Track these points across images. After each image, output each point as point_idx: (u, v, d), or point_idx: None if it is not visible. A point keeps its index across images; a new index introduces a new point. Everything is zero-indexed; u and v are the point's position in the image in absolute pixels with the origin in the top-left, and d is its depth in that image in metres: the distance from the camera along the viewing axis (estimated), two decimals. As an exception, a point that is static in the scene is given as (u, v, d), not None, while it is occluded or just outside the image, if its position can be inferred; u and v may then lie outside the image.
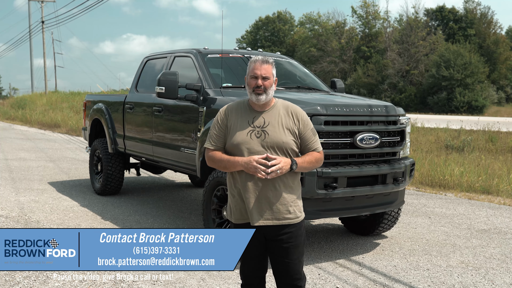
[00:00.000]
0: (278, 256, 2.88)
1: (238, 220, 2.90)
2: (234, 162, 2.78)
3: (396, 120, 4.94)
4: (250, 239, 2.87)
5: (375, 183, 4.74)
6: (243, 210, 2.86)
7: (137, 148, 6.77)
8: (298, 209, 2.89)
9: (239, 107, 2.93)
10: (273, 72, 2.89)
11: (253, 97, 2.84)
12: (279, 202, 2.81)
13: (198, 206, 7.11)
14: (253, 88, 2.83)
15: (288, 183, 2.84)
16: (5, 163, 10.82)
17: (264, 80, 2.83)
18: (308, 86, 6.13)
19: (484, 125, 17.72)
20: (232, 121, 2.88)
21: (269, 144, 2.79)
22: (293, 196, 2.87)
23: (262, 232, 2.84)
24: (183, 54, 6.14)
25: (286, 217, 2.83)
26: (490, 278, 4.43)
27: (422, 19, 52.12)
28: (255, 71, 2.84)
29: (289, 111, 2.90)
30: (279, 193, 2.81)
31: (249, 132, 2.82)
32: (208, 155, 2.93)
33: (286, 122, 2.85)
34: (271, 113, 2.87)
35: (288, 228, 2.85)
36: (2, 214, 6.23)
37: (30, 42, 44.06)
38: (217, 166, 2.89)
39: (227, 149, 2.88)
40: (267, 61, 2.87)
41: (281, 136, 2.81)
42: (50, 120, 23.21)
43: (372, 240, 5.54)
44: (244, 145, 2.80)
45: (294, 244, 2.87)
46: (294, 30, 68.01)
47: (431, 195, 8.32)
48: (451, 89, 42.09)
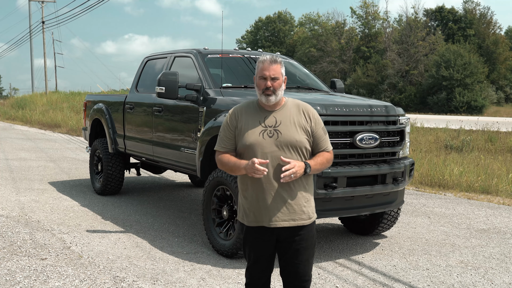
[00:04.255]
0: (288, 258, 2.84)
1: (251, 223, 2.84)
2: (239, 165, 2.75)
3: (395, 120, 4.95)
4: (262, 241, 2.83)
5: (375, 183, 4.75)
6: (256, 213, 2.80)
7: (137, 148, 6.78)
8: (311, 210, 2.86)
9: (248, 107, 2.87)
10: (282, 71, 2.83)
11: (263, 98, 2.79)
12: (294, 202, 2.77)
13: (198, 206, 7.12)
14: (262, 89, 2.79)
15: (302, 183, 2.81)
16: (5, 163, 10.83)
17: (273, 81, 2.77)
18: (308, 86, 6.14)
19: (484, 125, 17.74)
20: (243, 122, 2.82)
21: (283, 143, 2.74)
22: (307, 196, 2.83)
23: (275, 233, 2.80)
24: (183, 54, 6.14)
25: (301, 217, 2.79)
26: (489, 277, 4.44)
27: (422, 19, 52.17)
28: (264, 72, 2.78)
29: (300, 109, 2.86)
30: (294, 193, 2.77)
31: (261, 132, 2.76)
32: (217, 158, 2.88)
33: (298, 120, 2.81)
34: (282, 112, 2.82)
35: (301, 229, 2.81)
36: (3, 214, 6.24)
37: (30, 42, 44.12)
38: (225, 169, 2.85)
39: (239, 150, 2.83)
40: (275, 60, 2.80)
41: (294, 134, 2.77)
42: (50, 120, 23.22)
43: (372, 240, 5.55)
44: (257, 145, 2.74)
45: (305, 246, 2.83)
46: (294, 30, 68.03)
47: (430, 195, 8.34)
48: (450, 89, 42.12)
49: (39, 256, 4.69)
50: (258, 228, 2.82)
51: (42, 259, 4.60)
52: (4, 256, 4.64)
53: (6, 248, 4.89)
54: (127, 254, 4.83)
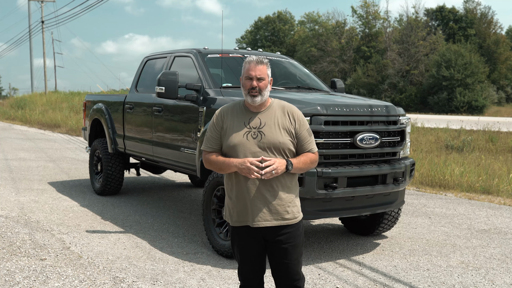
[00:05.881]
0: (277, 257, 2.88)
1: (236, 223, 2.89)
2: (229, 163, 2.77)
3: (396, 120, 4.93)
4: (249, 240, 2.88)
5: (375, 183, 4.74)
6: (240, 213, 2.85)
7: (137, 148, 6.77)
8: (297, 210, 2.89)
9: (234, 108, 2.91)
10: (268, 72, 2.86)
11: (248, 98, 2.82)
12: (277, 203, 2.80)
13: (198, 206, 7.11)
14: (248, 89, 2.81)
15: (285, 183, 2.83)
16: (5, 163, 10.82)
17: (259, 81, 2.80)
18: (308, 86, 6.13)
19: (484, 125, 17.73)
20: (228, 122, 2.86)
21: (266, 144, 2.77)
22: (291, 196, 2.86)
23: (261, 233, 2.84)
24: (183, 54, 6.13)
25: (285, 217, 2.83)
26: (490, 278, 4.42)
27: (422, 19, 52.15)
28: (250, 72, 2.81)
29: (285, 111, 2.88)
30: (276, 193, 2.80)
31: (245, 133, 2.80)
32: (204, 158, 2.92)
33: (282, 122, 2.84)
34: (267, 114, 2.85)
35: (286, 228, 2.84)
36: (2, 214, 6.23)
37: (30, 42, 44.09)
38: (213, 168, 2.88)
39: (224, 150, 2.87)
40: (261, 61, 2.84)
41: (277, 136, 2.79)
42: (50, 120, 23.21)
43: (372, 240, 5.54)
44: (240, 146, 2.78)
45: (293, 245, 2.86)
46: (294, 30, 68.02)
47: (431, 195, 8.32)
48: (451, 89, 42.09)
49: (38, 256, 4.67)
50: (243, 228, 2.87)
51: (42, 259, 4.59)
52: (3, 257, 4.62)
53: (6, 248, 4.88)
54: (126, 255, 4.81)
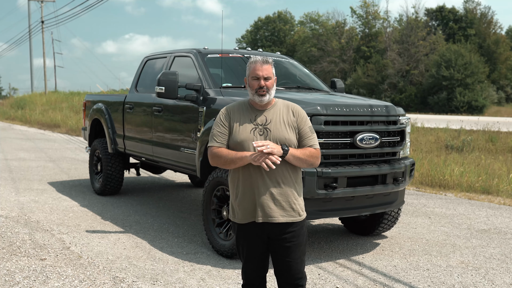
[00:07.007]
0: (280, 255, 2.90)
1: (242, 220, 2.90)
2: (242, 156, 2.80)
3: (396, 120, 4.93)
4: (254, 238, 2.90)
5: (375, 183, 4.74)
6: (246, 209, 2.87)
7: (137, 148, 6.77)
8: (301, 208, 2.92)
9: (240, 107, 2.97)
10: (273, 71, 2.95)
11: (256, 98, 2.88)
12: (283, 199, 2.84)
13: (198, 206, 7.11)
14: (256, 89, 2.87)
15: (291, 180, 2.87)
16: (5, 163, 10.82)
17: (266, 81, 2.88)
18: (308, 86, 6.12)
19: (484, 125, 17.72)
20: (235, 120, 2.91)
21: (272, 140, 2.82)
22: (296, 194, 2.90)
23: (266, 230, 2.87)
24: (183, 54, 6.13)
25: (290, 214, 2.86)
26: (490, 278, 4.42)
27: (422, 19, 52.14)
28: (257, 72, 2.88)
29: (289, 108, 2.96)
30: (283, 190, 2.84)
31: (252, 129, 2.86)
32: (213, 152, 2.90)
33: (287, 119, 2.90)
34: (272, 111, 2.91)
35: (291, 226, 2.87)
36: (2, 214, 6.23)
37: (30, 42, 44.17)
38: (222, 162, 2.86)
39: (230, 147, 2.90)
40: (267, 61, 2.91)
41: (283, 133, 2.85)
42: (49, 120, 23.21)
43: (372, 240, 5.54)
44: (247, 142, 2.83)
45: (296, 243, 2.89)
46: (295, 30, 68.01)
47: (431, 195, 8.32)
48: (451, 89, 42.08)
49: (38, 256, 4.67)
50: (248, 225, 2.89)
51: (42, 259, 4.59)
52: (3, 257, 4.62)
53: (5, 248, 4.88)
54: (126, 255, 4.81)
